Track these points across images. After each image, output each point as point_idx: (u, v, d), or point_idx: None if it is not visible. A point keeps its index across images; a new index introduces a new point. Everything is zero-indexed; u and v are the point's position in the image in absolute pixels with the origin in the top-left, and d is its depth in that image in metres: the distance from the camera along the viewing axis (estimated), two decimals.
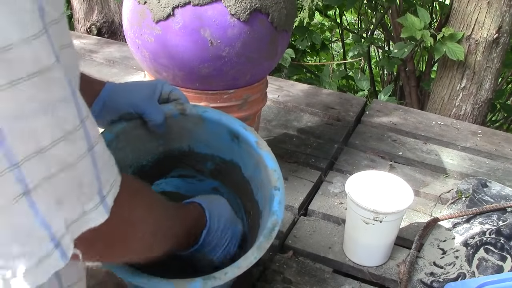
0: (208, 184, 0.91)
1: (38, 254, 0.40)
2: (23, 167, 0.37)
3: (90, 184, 0.43)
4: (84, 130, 0.41)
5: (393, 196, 0.98)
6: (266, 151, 0.78)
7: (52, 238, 0.40)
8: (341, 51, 2.76)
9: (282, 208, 0.74)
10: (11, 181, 0.37)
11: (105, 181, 0.44)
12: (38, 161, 0.38)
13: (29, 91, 0.36)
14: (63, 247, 0.41)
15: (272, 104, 1.55)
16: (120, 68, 1.75)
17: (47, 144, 0.38)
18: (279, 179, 0.76)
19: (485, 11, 1.58)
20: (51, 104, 0.38)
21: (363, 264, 1.03)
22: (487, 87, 1.70)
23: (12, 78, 0.35)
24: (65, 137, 0.39)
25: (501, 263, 1.00)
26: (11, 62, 0.34)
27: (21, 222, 0.38)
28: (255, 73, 1.04)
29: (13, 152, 0.36)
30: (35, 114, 0.37)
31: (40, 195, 0.38)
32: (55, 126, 0.38)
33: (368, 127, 1.48)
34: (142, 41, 0.99)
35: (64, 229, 0.41)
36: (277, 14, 0.98)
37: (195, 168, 0.90)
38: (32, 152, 0.37)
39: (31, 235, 0.39)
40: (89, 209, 0.43)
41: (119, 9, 2.30)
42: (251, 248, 0.69)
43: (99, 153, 0.43)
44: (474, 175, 1.29)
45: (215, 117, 0.81)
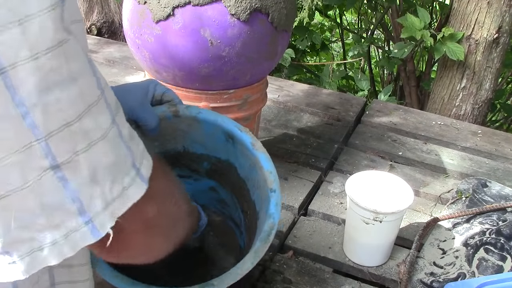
0: (205, 183, 0.91)
1: (66, 228, 0.39)
2: (50, 141, 0.36)
3: (123, 156, 0.41)
4: (105, 100, 0.40)
5: (393, 196, 0.98)
6: (261, 152, 0.77)
7: (82, 213, 0.39)
8: (341, 51, 2.76)
9: (278, 210, 0.73)
10: (37, 154, 0.36)
11: (136, 151, 0.43)
12: (66, 135, 0.37)
13: (51, 63, 0.35)
14: (96, 224, 0.40)
15: (272, 104, 1.55)
16: (120, 68, 1.75)
17: (73, 118, 0.37)
18: (275, 181, 0.75)
19: (485, 11, 1.58)
20: (71, 76, 0.37)
21: (363, 264, 1.03)
22: (487, 87, 1.70)
23: (34, 51, 0.34)
24: (89, 109, 0.38)
25: (501, 263, 1.00)
26: (31, 34, 0.34)
27: (50, 196, 0.38)
28: (255, 73, 1.04)
29: (38, 125, 0.36)
30: (57, 87, 0.36)
31: (71, 170, 0.38)
32: (78, 99, 0.38)
33: (368, 127, 1.48)
34: (142, 41, 0.99)
35: (100, 206, 0.40)
36: (277, 14, 0.98)
37: (191, 168, 0.89)
38: (59, 126, 0.37)
39: (60, 209, 0.39)
40: (128, 184, 0.41)
41: (119, 9, 2.30)
42: (249, 253, 0.68)
43: (122, 124, 0.42)
44: (474, 175, 1.29)
45: (209, 118, 0.80)
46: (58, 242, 0.39)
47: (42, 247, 0.39)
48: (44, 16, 0.35)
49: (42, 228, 0.39)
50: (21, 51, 0.34)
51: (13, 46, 0.34)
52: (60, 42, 0.36)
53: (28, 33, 0.34)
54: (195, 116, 0.80)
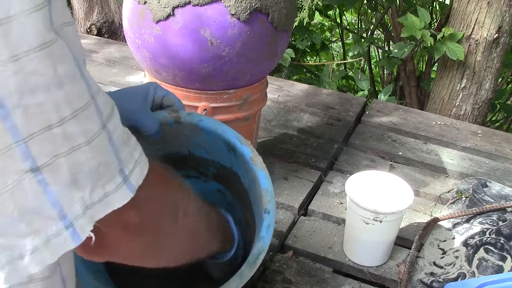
0: (212, 185, 0.91)
1: (46, 233, 0.39)
2: (30, 143, 0.36)
3: (109, 163, 0.41)
4: (96, 106, 0.40)
5: (393, 196, 0.98)
6: (260, 169, 0.75)
7: (63, 217, 0.39)
8: (341, 51, 2.76)
9: (269, 233, 0.71)
10: (17, 156, 0.36)
11: (127, 159, 0.42)
12: (46, 138, 0.36)
13: (33, 65, 0.35)
14: (77, 228, 0.40)
15: (272, 104, 1.55)
16: (120, 68, 1.75)
17: (55, 121, 0.37)
18: (271, 201, 0.73)
19: (485, 11, 1.58)
20: (57, 80, 0.36)
21: (363, 264, 1.03)
22: (487, 87, 1.70)
23: (14, 52, 0.34)
24: (74, 115, 0.38)
25: (501, 263, 1.00)
26: (12, 35, 0.33)
27: (30, 200, 0.37)
28: (255, 73, 1.04)
29: (18, 127, 0.35)
30: (41, 90, 0.35)
31: (51, 173, 0.37)
32: (62, 103, 0.37)
33: (368, 127, 1.48)
34: (142, 41, 0.99)
35: (80, 210, 0.40)
36: (277, 14, 0.98)
37: (198, 170, 0.89)
38: (40, 129, 0.36)
39: (40, 213, 0.38)
40: (110, 190, 0.41)
41: (119, 9, 2.30)
42: (233, 276, 0.66)
43: (114, 130, 0.42)
44: (474, 175, 1.29)
45: (210, 127, 0.78)
46: (39, 249, 0.39)
47: (22, 255, 0.39)
48: (27, 17, 0.34)
49: (22, 234, 0.38)
50: (1, 52, 0.33)
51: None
52: (45, 44, 0.35)
53: (9, 34, 0.33)
54: (196, 123, 0.78)
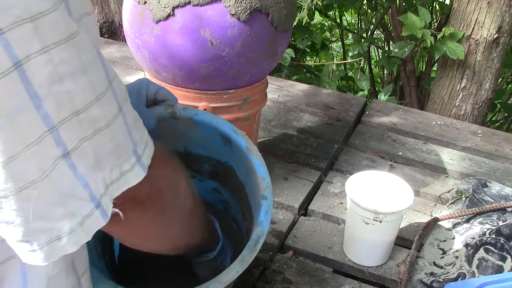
0: (208, 184, 0.91)
1: (81, 214, 0.41)
2: (60, 129, 0.38)
3: (125, 144, 0.44)
4: (113, 91, 0.42)
5: (393, 196, 0.98)
6: (256, 157, 0.76)
7: (93, 198, 0.41)
8: (341, 51, 2.76)
9: (268, 219, 0.72)
10: (50, 144, 0.38)
11: (139, 140, 0.45)
12: (74, 123, 0.39)
13: (61, 55, 0.37)
14: (103, 207, 0.42)
15: (272, 104, 1.55)
16: (120, 68, 1.75)
17: (81, 106, 0.39)
18: (268, 187, 0.74)
19: (485, 11, 1.58)
20: (82, 68, 0.39)
21: (363, 264, 1.03)
22: (487, 87, 1.70)
23: (44, 44, 0.36)
24: (97, 99, 0.40)
25: (501, 263, 1.00)
26: (43, 29, 0.36)
27: (63, 184, 0.39)
28: (255, 73, 1.04)
29: (50, 115, 0.37)
30: (69, 78, 0.38)
31: (79, 156, 0.39)
32: (87, 89, 0.39)
33: (368, 127, 1.48)
34: (142, 41, 0.99)
35: (103, 189, 0.42)
36: (277, 14, 0.98)
37: (193, 168, 0.89)
38: (68, 115, 0.38)
39: (73, 196, 0.40)
40: (126, 169, 0.43)
41: (119, 9, 2.30)
42: (235, 261, 0.67)
43: (128, 113, 0.44)
44: (474, 175, 1.29)
45: (206, 121, 0.79)
46: (75, 230, 0.41)
47: (60, 236, 0.41)
48: (54, 13, 0.36)
49: (59, 217, 0.40)
50: (33, 45, 0.35)
51: (26, 41, 0.35)
52: (71, 35, 0.38)
53: (39, 28, 0.35)
54: (192, 117, 0.79)
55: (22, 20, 0.34)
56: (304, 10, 1.81)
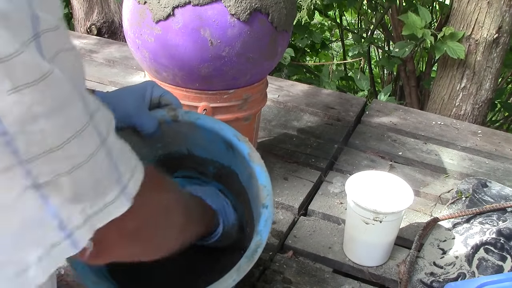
0: (212, 186, 0.91)
1: (49, 241, 0.41)
2: (32, 164, 0.37)
3: (108, 176, 0.43)
4: (94, 125, 0.41)
5: (393, 196, 0.98)
6: (258, 165, 0.75)
7: (63, 228, 0.41)
8: (341, 51, 2.76)
9: (267, 228, 0.71)
10: (19, 175, 0.37)
11: (124, 170, 0.45)
12: (48, 160, 0.38)
13: (33, 96, 0.37)
14: (76, 237, 0.42)
15: (272, 104, 1.55)
16: (120, 68, 1.75)
17: (56, 144, 0.38)
18: (268, 196, 0.73)
19: (485, 11, 1.58)
20: (56, 107, 0.38)
21: (363, 264, 1.03)
22: (487, 87, 1.70)
23: (15, 84, 0.36)
24: (75, 136, 0.40)
25: (501, 263, 1.00)
26: (13, 70, 0.35)
27: (31, 213, 0.39)
28: (255, 73, 1.04)
29: (20, 152, 0.37)
30: (42, 118, 0.37)
31: (52, 190, 0.39)
32: (63, 127, 0.39)
33: (368, 127, 1.48)
34: (142, 41, 0.99)
35: (80, 221, 0.42)
36: (277, 14, 0.98)
37: (198, 170, 0.89)
38: (42, 152, 0.38)
39: (41, 225, 0.40)
40: (110, 201, 0.43)
41: (119, 9, 2.30)
42: (232, 269, 0.67)
43: (113, 144, 0.44)
44: (474, 175, 1.29)
45: (208, 125, 0.79)
46: (43, 259, 0.40)
47: (28, 267, 0.40)
48: (22, 55, 0.36)
49: (25, 247, 0.40)
50: (4, 84, 0.35)
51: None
52: (43, 76, 0.37)
53: (10, 69, 0.35)
54: (194, 122, 0.79)
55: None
56: (304, 10, 1.81)
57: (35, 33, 0.37)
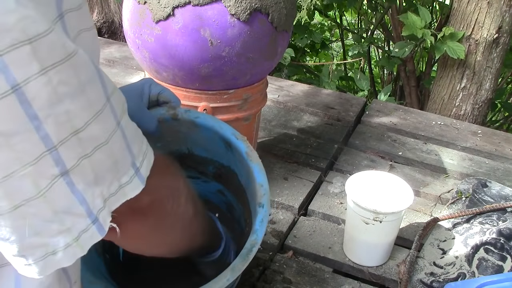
0: (212, 186, 0.90)
1: (77, 229, 0.41)
2: (60, 149, 0.38)
3: (124, 158, 0.44)
4: (111, 106, 0.42)
5: (393, 196, 0.98)
6: (255, 163, 0.75)
7: (90, 214, 0.42)
8: (341, 51, 2.76)
9: (263, 227, 0.70)
10: (49, 163, 0.38)
11: (137, 152, 0.46)
12: (74, 142, 0.39)
13: (60, 76, 0.37)
14: (101, 221, 0.43)
15: (272, 104, 1.55)
16: (120, 68, 1.75)
17: (80, 126, 0.39)
18: (265, 195, 0.73)
19: (485, 11, 1.58)
20: (80, 87, 0.39)
21: (363, 264, 1.03)
22: (487, 87, 1.70)
23: (43, 66, 0.36)
24: (96, 117, 0.40)
25: (501, 263, 1.00)
26: (41, 51, 0.36)
27: (60, 202, 0.40)
28: (255, 73, 1.04)
29: (50, 136, 0.37)
30: (67, 98, 0.38)
31: (77, 174, 0.40)
32: (86, 108, 0.40)
33: (368, 127, 1.48)
34: (142, 41, 0.99)
35: (101, 204, 0.42)
36: (277, 14, 0.98)
37: (197, 170, 0.89)
38: (68, 134, 0.38)
39: (70, 213, 0.41)
40: (125, 182, 0.44)
41: (119, 9, 2.30)
42: (226, 269, 0.66)
43: (126, 126, 0.45)
44: (474, 175, 1.29)
45: (207, 124, 0.79)
46: (71, 245, 0.42)
47: (55, 251, 0.41)
48: (51, 34, 0.36)
49: (55, 233, 0.41)
50: (32, 67, 0.35)
51: (25, 63, 0.35)
52: (68, 56, 0.38)
53: (38, 50, 0.35)
54: (193, 120, 0.79)
55: (20, 43, 0.34)
56: (304, 10, 1.81)
57: (60, 12, 0.38)
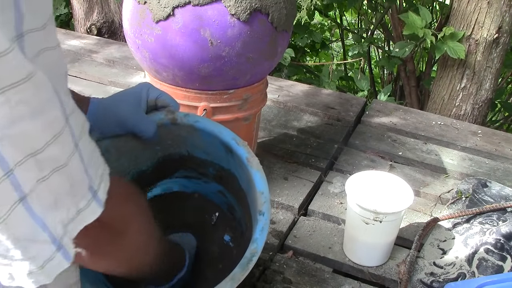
0: (213, 186, 0.90)
1: (42, 258, 0.41)
2: (16, 172, 0.37)
3: (81, 181, 0.43)
4: (70, 127, 0.41)
5: (393, 196, 0.98)
6: (256, 170, 0.74)
7: (53, 240, 0.41)
8: (341, 51, 2.76)
9: (263, 236, 0.70)
10: (8, 188, 0.37)
11: (94, 175, 0.44)
12: (31, 164, 0.38)
13: (19, 96, 0.36)
14: (65, 248, 0.42)
15: (272, 104, 1.55)
16: (120, 68, 1.75)
17: (38, 147, 0.38)
18: (266, 202, 0.72)
19: (485, 11, 1.58)
20: (39, 108, 0.38)
21: (363, 264, 1.02)
22: (487, 87, 1.70)
23: (1, 85, 0.35)
24: (54, 138, 0.39)
25: (501, 263, 1.00)
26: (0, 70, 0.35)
27: (22, 228, 0.39)
28: (255, 73, 1.04)
29: (6, 159, 0.36)
30: (25, 119, 0.37)
31: (35, 198, 0.39)
32: (45, 129, 0.38)
33: (368, 127, 1.48)
34: (142, 41, 0.99)
35: (61, 230, 0.41)
36: (277, 14, 0.98)
37: (198, 171, 0.89)
38: (25, 156, 0.37)
39: (34, 240, 0.40)
40: (83, 207, 0.43)
41: (119, 9, 2.30)
42: (225, 278, 0.66)
43: (84, 147, 0.43)
44: (474, 175, 1.29)
45: (207, 128, 0.78)
46: (34, 273, 0.41)
47: (20, 274, 0.40)
48: (10, 54, 0.35)
49: (18, 259, 0.40)
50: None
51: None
52: (28, 76, 0.36)
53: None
54: (193, 124, 0.78)
55: None
56: (304, 10, 1.81)
57: (19, 32, 0.37)
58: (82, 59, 1.79)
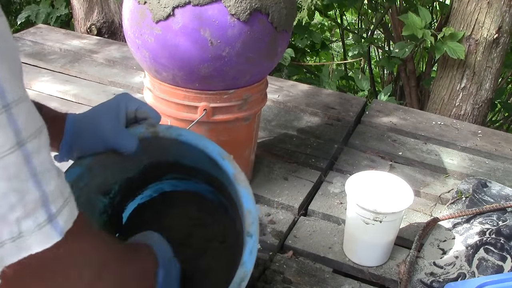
0: (205, 187, 0.89)
1: None
2: None
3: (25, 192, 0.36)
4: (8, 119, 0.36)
5: (393, 196, 0.98)
6: (243, 187, 0.70)
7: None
8: (341, 51, 2.76)
9: (252, 259, 0.66)
10: None
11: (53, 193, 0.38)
12: None
13: None
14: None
15: (272, 104, 1.55)
16: (120, 68, 1.75)
17: None
18: (254, 223, 0.68)
19: (485, 11, 1.58)
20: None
21: (363, 264, 1.03)
22: (487, 87, 1.70)
23: None
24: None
25: (501, 263, 1.00)
26: None
27: None
28: (255, 73, 1.04)
29: None
30: None
31: None
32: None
33: (368, 127, 1.48)
34: (142, 41, 0.99)
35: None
36: (277, 14, 0.98)
37: (188, 174, 0.87)
38: None
39: None
40: (29, 229, 0.35)
41: (119, 9, 2.30)
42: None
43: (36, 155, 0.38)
44: (474, 175, 1.29)
45: (191, 142, 0.75)
46: None
47: None
48: None
49: None
50: None
51: None
52: None
53: None
54: (176, 138, 0.75)
55: None
56: (304, 10, 1.81)
57: None
58: (82, 59, 1.79)
